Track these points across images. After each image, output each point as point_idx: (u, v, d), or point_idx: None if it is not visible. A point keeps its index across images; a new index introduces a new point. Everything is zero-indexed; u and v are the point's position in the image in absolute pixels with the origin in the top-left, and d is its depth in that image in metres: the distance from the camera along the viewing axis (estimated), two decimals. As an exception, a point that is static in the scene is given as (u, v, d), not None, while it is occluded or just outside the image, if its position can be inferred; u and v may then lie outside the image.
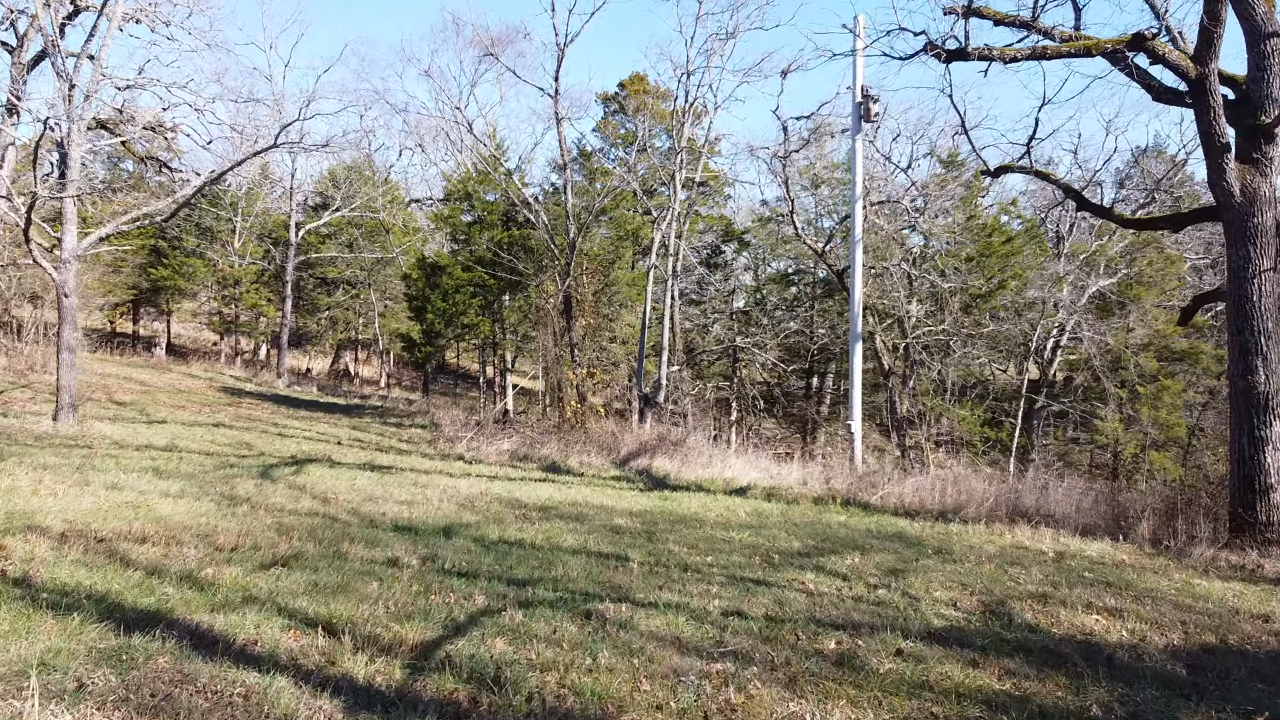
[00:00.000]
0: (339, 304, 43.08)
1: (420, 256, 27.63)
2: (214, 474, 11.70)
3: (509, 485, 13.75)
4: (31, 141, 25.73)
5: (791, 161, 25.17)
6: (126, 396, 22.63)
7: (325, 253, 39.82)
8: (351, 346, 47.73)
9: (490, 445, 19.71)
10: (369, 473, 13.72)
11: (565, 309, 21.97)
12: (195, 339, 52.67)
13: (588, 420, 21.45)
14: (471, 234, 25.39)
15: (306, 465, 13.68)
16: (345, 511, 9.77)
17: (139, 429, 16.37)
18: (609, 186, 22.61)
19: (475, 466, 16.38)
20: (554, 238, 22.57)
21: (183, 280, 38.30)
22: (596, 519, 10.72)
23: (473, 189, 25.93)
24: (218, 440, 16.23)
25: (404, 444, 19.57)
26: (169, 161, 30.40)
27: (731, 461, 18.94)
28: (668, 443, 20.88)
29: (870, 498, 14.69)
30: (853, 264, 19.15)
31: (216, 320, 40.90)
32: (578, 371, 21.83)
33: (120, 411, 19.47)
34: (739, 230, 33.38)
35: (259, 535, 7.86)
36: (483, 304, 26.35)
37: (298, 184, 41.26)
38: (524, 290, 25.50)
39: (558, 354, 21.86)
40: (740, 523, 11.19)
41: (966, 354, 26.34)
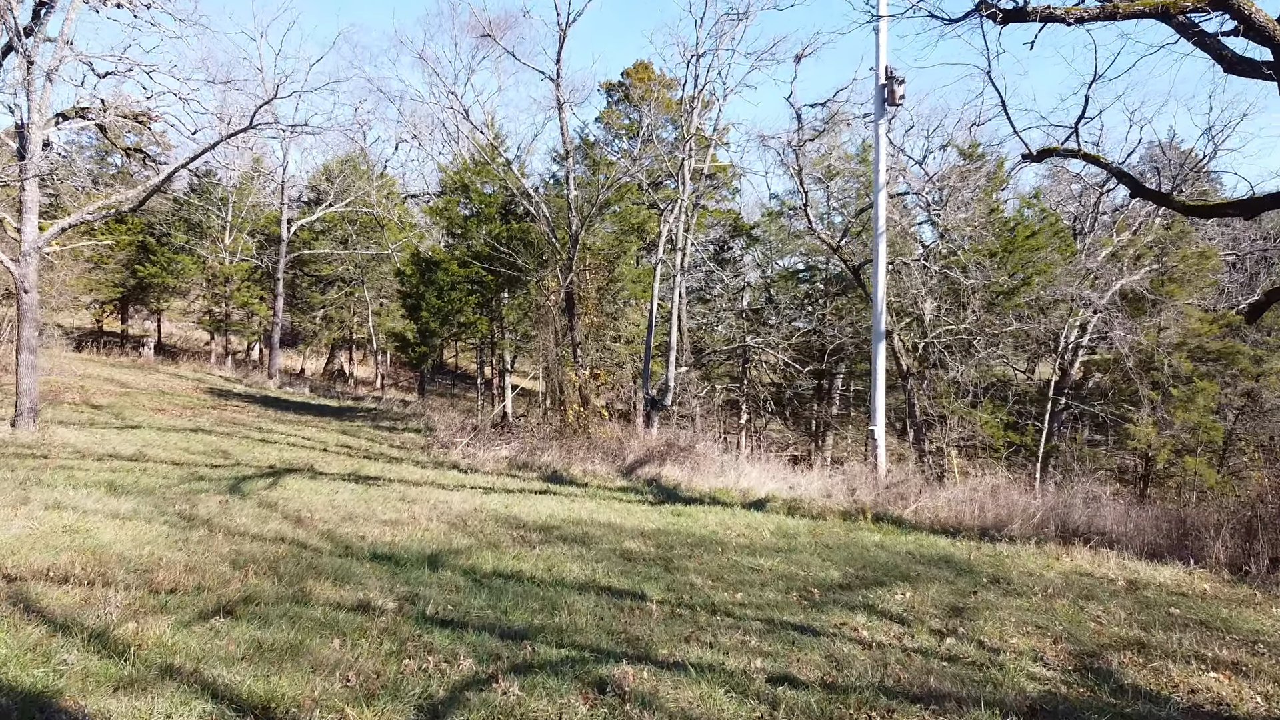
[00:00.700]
0: (333, 302, 41.90)
1: (414, 251, 26.45)
2: (177, 489, 10.50)
3: (506, 499, 12.56)
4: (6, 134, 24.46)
5: (805, 152, 23.96)
6: (104, 399, 21.45)
7: (318, 249, 38.62)
8: (347, 346, 46.53)
9: (488, 451, 18.52)
10: (353, 485, 12.53)
11: (567, 306, 20.79)
12: (187, 338, 51.50)
13: (591, 424, 20.26)
14: (468, 228, 24.17)
15: (284, 477, 12.48)
16: (318, 535, 8.57)
17: (107, 435, 15.18)
18: (613, 178, 21.39)
19: (471, 476, 15.19)
20: (555, 231, 21.37)
21: (171, 278, 37.11)
22: (605, 541, 9.53)
23: (469, 180, 24.72)
24: (192, 448, 15.04)
25: (395, 450, 18.39)
26: (155, 154, 29.26)
27: (746, 469, 17.77)
28: (677, 449, 19.69)
29: (902, 512, 13.50)
30: (875, 258, 17.94)
31: (207, 319, 39.72)
32: (580, 373, 20.64)
33: (93, 416, 18.30)
34: (747, 225, 32.16)
35: (208, 570, 6.67)
36: (480, 301, 25.14)
37: (291, 179, 40.10)
38: (523, 287, 24.32)
39: (559, 354, 20.68)
40: (767, 545, 9.99)
41: (992, 353, 25.11)
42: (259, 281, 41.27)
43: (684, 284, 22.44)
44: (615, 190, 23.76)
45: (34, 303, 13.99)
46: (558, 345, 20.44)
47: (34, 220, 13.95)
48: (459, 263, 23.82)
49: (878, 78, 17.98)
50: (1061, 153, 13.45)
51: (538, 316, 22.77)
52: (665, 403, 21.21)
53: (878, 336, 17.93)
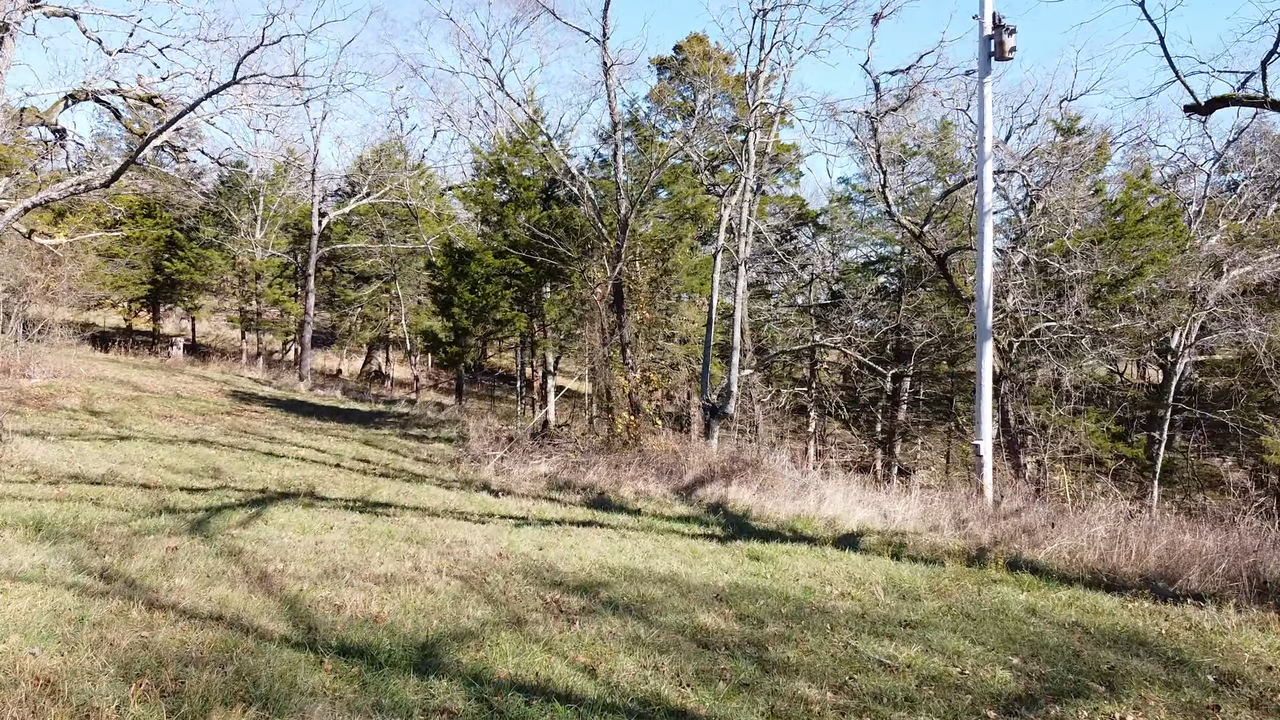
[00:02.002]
0: (370, 300, 40.16)
1: (447, 241, 24.29)
2: (123, 528, 8.34)
3: (542, 535, 10.23)
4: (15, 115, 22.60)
5: (885, 124, 21.30)
6: (107, 405, 19.66)
7: (352, 244, 36.84)
8: (384, 346, 44.79)
9: (525, 467, 16.26)
10: (355, 516, 10.31)
11: (615, 301, 18.44)
12: (222, 338, 50.30)
13: (643, 435, 17.90)
14: (505, 214, 21.96)
15: (272, 506, 10.30)
16: (277, 608, 6.30)
17: (84, 451, 13.20)
18: (665, 155, 18.99)
19: (502, 500, 12.92)
20: (601, 216, 19.03)
21: (199, 274, 35.63)
22: (669, 610, 7.14)
23: (506, 162, 22.49)
24: (180, 465, 12.98)
25: (419, 465, 16.21)
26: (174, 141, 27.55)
27: (825, 490, 15.24)
28: (742, 464, 17.24)
29: (1034, 553, 10.90)
30: (980, 241, 15.28)
31: (237, 318, 38.21)
32: (630, 376, 18.29)
33: (86, 425, 16.44)
34: (813, 213, 29.52)
35: (75, 690, 4.41)
36: (518, 296, 22.94)
37: (328, 172, 38.41)
38: (566, 280, 22.05)
39: (606, 355, 18.35)
40: (887, 615, 7.51)
41: (1102, 354, 22.18)
42: (292, 278, 39.71)
43: (747, 275, 19.95)
44: (668, 171, 21.38)
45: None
46: (605, 345, 18.12)
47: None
48: (495, 253, 21.62)
49: (982, 27, 15.35)
50: (1242, 101, 10.71)
51: (582, 312, 20.50)
52: (727, 410, 18.77)
53: (983, 334, 15.26)
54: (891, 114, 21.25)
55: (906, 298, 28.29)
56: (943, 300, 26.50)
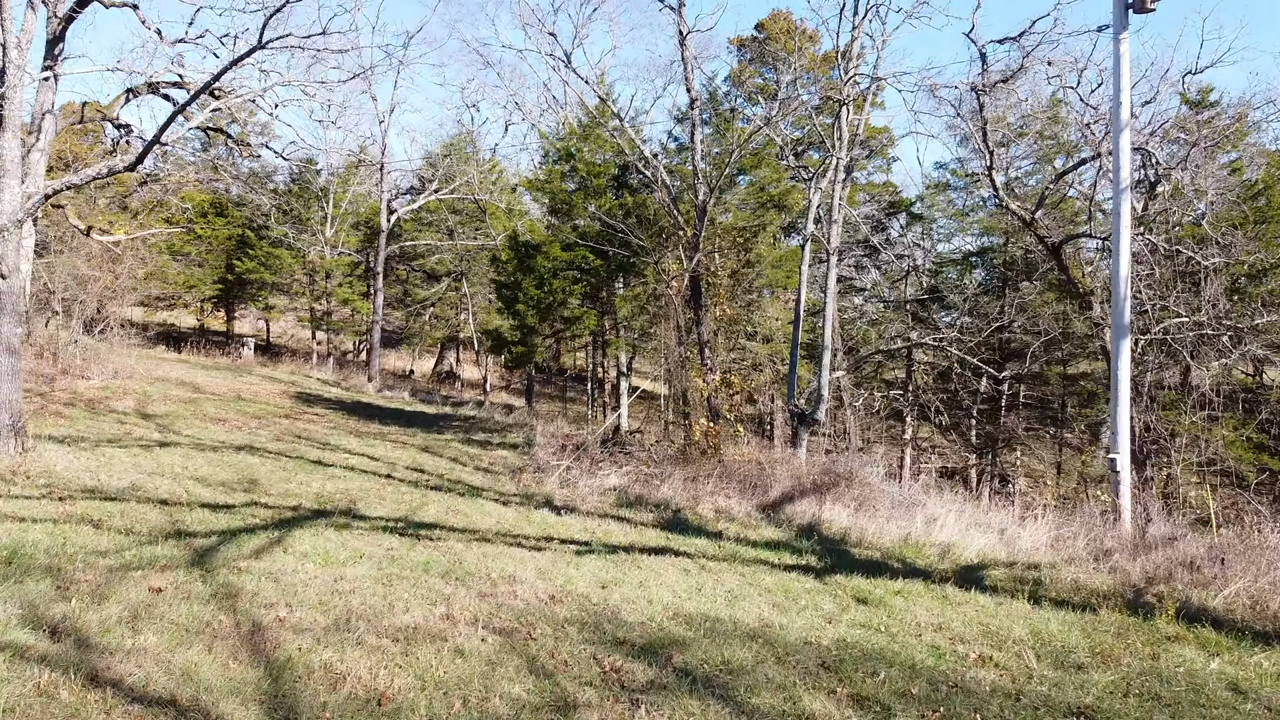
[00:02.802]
0: (441, 298, 39.44)
1: (512, 233, 23.07)
2: (111, 559, 7.15)
3: (606, 568, 8.75)
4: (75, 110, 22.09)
5: (994, 96, 19.27)
6: (160, 407, 18.97)
7: (421, 241, 36.07)
8: (455, 346, 44.09)
9: (593, 479, 14.84)
10: (392, 542, 8.99)
11: (692, 295, 16.89)
12: (296, 338, 50.41)
13: (723, 444, 16.30)
14: (574, 203, 20.59)
15: (299, 529, 9.05)
16: (257, 682, 4.94)
17: (116, 459, 12.24)
18: (747, 134, 17.31)
19: (564, 520, 11.48)
20: (677, 203, 17.48)
21: (268, 273, 35.34)
22: (761, 685, 5.58)
23: (575, 148, 21.13)
24: (214, 476, 11.92)
25: (478, 476, 14.92)
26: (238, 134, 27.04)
27: (933, 509, 13.41)
28: (835, 477, 15.52)
29: (1206, 597, 8.95)
30: (1116, 222, 13.22)
31: (307, 317, 37.89)
32: (709, 378, 16.71)
33: (132, 429, 15.66)
34: (907, 200, 27.41)
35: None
36: (588, 291, 21.56)
37: (396, 166, 37.79)
38: (639, 274, 20.57)
39: (683, 355, 16.81)
40: (1049, 696, 5.78)
41: (1245, 352, 19.67)
42: (362, 277, 39.25)
43: (837, 268, 18.15)
44: (750, 155, 19.73)
45: (17, 290, 11.11)
46: (681, 344, 16.58)
47: (15, 185, 11.07)
48: (562, 245, 20.28)
49: (1119, -25, 13.29)
50: None
51: (656, 309, 18.99)
52: (817, 416, 17.03)
53: (1120, 331, 13.19)
54: (1002, 86, 19.16)
55: (1010, 292, 25.97)
56: (1053, 294, 24.15)
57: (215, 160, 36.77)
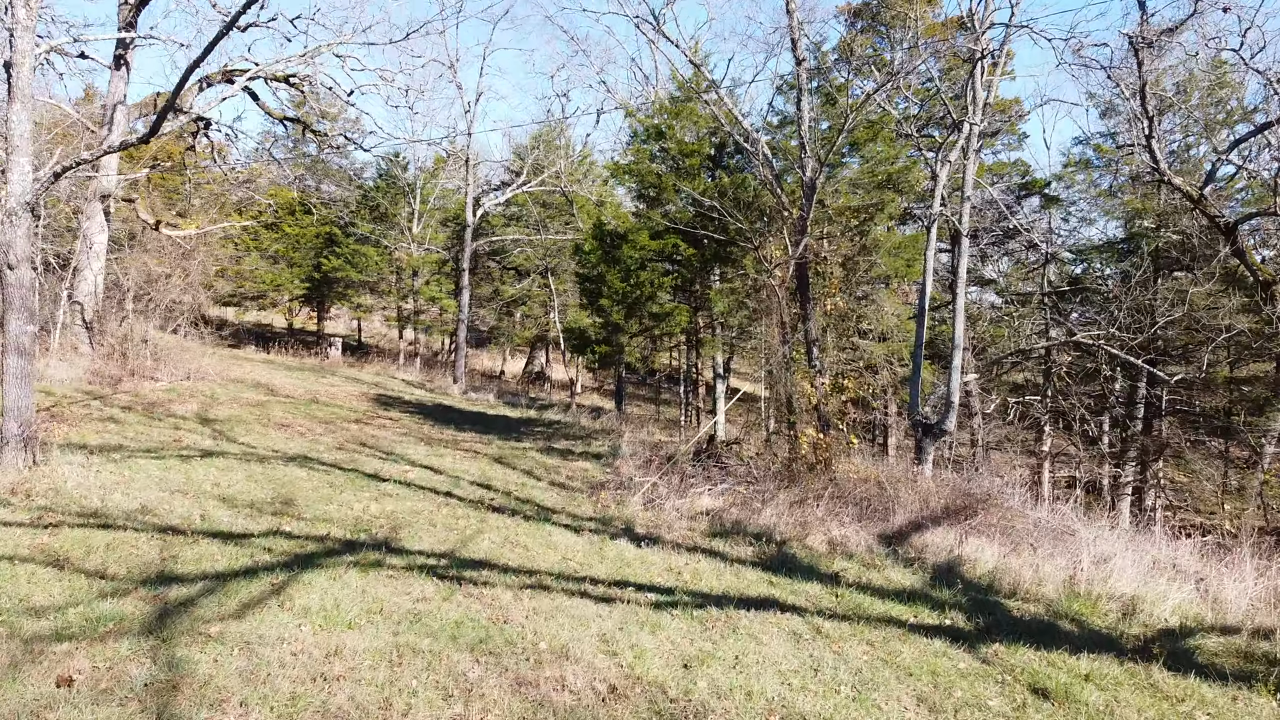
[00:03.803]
0: (530, 295, 38.16)
1: (597, 222, 21.28)
2: (41, 622, 5.59)
3: (690, 639, 6.79)
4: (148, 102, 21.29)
5: (1158, 51, 16.44)
6: (224, 411, 17.92)
7: (508, 235, 34.79)
8: (544, 345, 42.78)
9: (682, 499, 12.90)
10: (426, 587, 7.27)
11: (799, 286, 14.76)
12: (387, 337, 50.06)
13: (834, 459, 14.11)
14: (664, 186, 18.66)
15: (317, 568, 7.42)
16: None
17: (143, 473, 10.94)
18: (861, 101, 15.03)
19: (645, 555, 9.57)
20: (781, 180, 15.37)
21: (354, 271, 34.63)
22: None
23: (666, 125, 19.19)
24: (246, 494, 10.47)
25: (552, 492, 13.16)
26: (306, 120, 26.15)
27: (1098, 543, 11.03)
28: (969, 499, 13.19)
29: None
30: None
31: (393, 316, 37.13)
32: (818, 382, 14.55)
33: (183, 436, 14.50)
34: (1040, 181, 24.48)
35: None
36: (679, 284, 19.60)
37: (480, 158, 36.65)
38: (737, 264, 18.52)
39: (787, 355, 14.71)
40: None
41: None
42: (450, 275, 38.30)
43: (967, 256, 15.70)
44: (864, 127, 17.46)
45: (26, 284, 9.84)
46: (785, 342, 14.48)
47: (25, 164, 9.82)
48: (651, 233, 18.38)
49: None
50: None
51: (757, 302, 16.92)
52: (945, 426, 14.67)
53: (1349, 325, 10.48)
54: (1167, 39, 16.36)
55: (1163, 283, 22.80)
56: (1219, 286, 20.95)
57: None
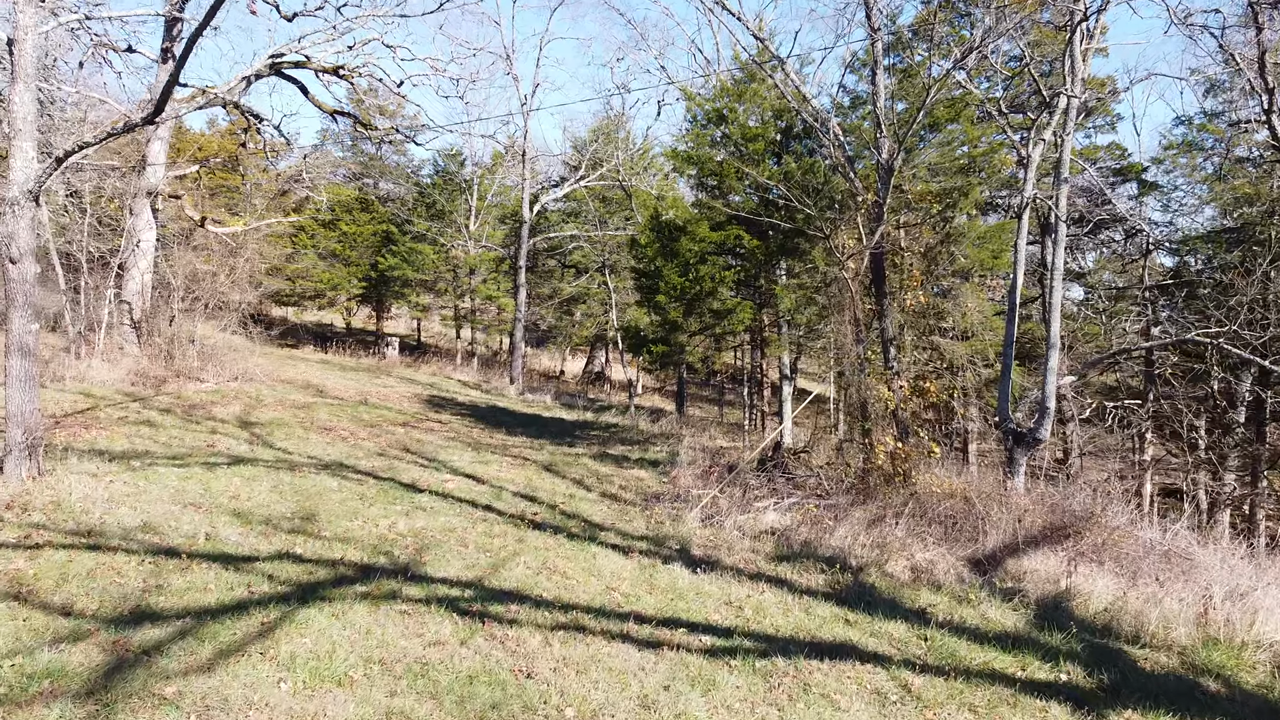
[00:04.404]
0: (590, 293, 37.25)
1: (653, 212, 20.10)
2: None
3: (751, 696, 5.64)
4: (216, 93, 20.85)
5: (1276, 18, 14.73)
6: (267, 414, 17.32)
7: (565, 232, 33.90)
8: (604, 345, 41.84)
9: (745, 514, 11.73)
10: (443, 626, 6.28)
11: (874, 279, 13.46)
12: (447, 336, 49.70)
13: (914, 472, 12.76)
14: (725, 174, 17.41)
15: (316, 605, 6.48)
16: None
17: (158, 483, 10.19)
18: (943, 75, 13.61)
19: (700, 583, 8.44)
20: (853, 165, 14.07)
21: (411, 269, 34.11)
22: None
23: (728, 108, 17.93)
24: (264, 509, 9.64)
25: (602, 506, 12.09)
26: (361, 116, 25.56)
27: (1234, 576, 9.52)
28: (1070, 518, 11.71)
29: None
30: None
31: (450, 315, 36.57)
32: (895, 385, 13.23)
33: (217, 440, 13.87)
34: (1137, 166, 22.58)
35: None
36: (742, 279, 18.32)
37: (538, 153, 35.86)
38: (804, 257, 17.17)
39: (862, 355, 13.40)
40: None
41: None
42: (507, 273, 37.62)
43: (1063, 245, 14.15)
44: (945, 105, 16.06)
45: (30, 279, 9.14)
46: (859, 341, 13.19)
47: (29, 149, 9.11)
48: (711, 224, 17.17)
49: None
50: None
51: (828, 297, 15.61)
52: (1039, 434, 13.22)
53: None
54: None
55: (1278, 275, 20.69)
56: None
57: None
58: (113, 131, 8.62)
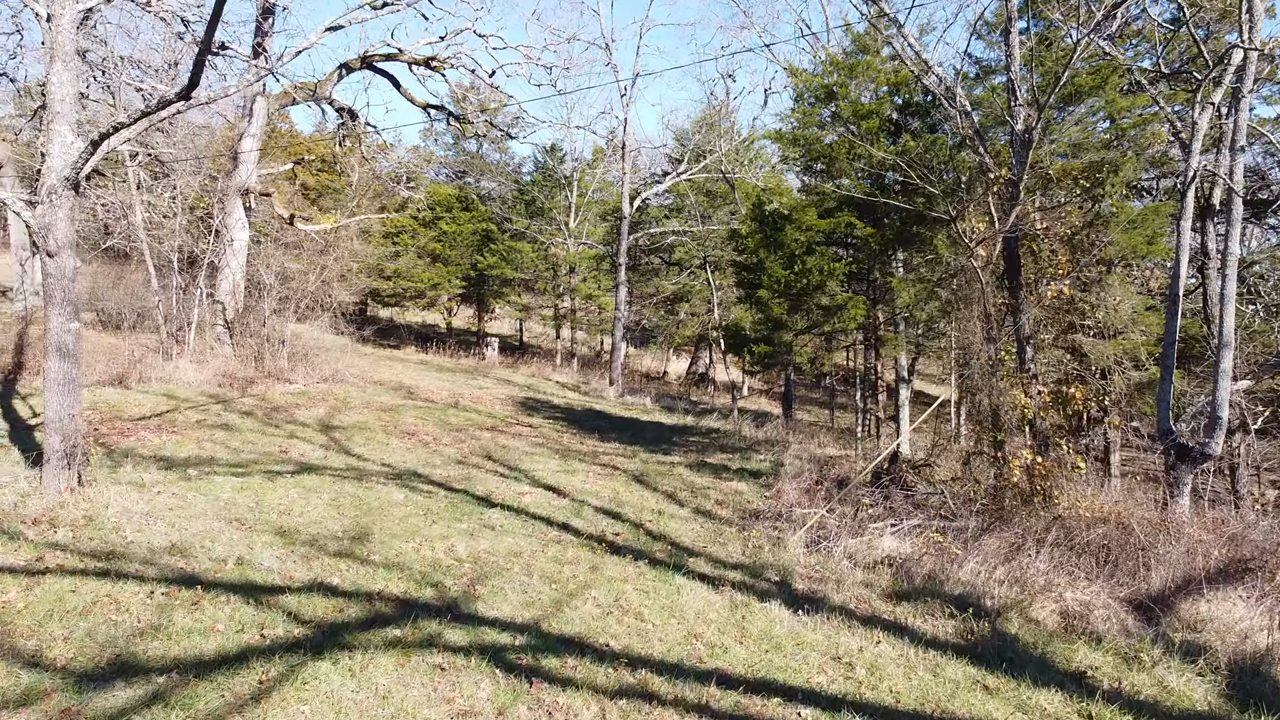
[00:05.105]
0: (694, 291, 35.98)
1: (756, 200, 18.58)
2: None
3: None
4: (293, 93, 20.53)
5: None
6: (351, 417, 16.75)
7: (668, 226, 32.71)
8: (709, 345, 40.46)
9: (857, 538, 10.24)
10: (483, 687, 5.19)
11: (1008, 269, 11.76)
12: (548, 336, 49.25)
13: (1056, 491, 11.02)
14: (835, 156, 15.80)
15: (334, 655, 5.46)
16: None
17: (212, 493, 9.46)
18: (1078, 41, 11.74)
19: (803, 628, 7.08)
20: (983, 139, 12.36)
21: (509, 268, 33.56)
22: None
23: (838, 83, 16.30)
24: (315, 525, 8.77)
25: (694, 525, 10.82)
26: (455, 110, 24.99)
27: None
28: (1256, 551, 9.81)
29: None
30: None
31: (549, 315, 35.90)
32: (1033, 390, 11.51)
33: (290, 446, 13.25)
34: (1313, 138, 19.78)
35: None
36: (853, 271, 16.66)
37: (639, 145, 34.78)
38: (925, 246, 15.43)
39: (993, 355, 11.72)
40: None
41: None
42: (608, 271, 36.73)
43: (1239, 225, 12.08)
44: (1089, 73, 14.14)
45: (68, 273, 8.50)
46: (991, 340, 11.52)
47: (68, 134, 8.48)
48: (820, 211, 15.62)
49: None
50: None
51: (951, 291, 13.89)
52: (1209, 449, 11.25)
53: None
54: None
55: None
56: None
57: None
58: (147, 110, 7.85)
